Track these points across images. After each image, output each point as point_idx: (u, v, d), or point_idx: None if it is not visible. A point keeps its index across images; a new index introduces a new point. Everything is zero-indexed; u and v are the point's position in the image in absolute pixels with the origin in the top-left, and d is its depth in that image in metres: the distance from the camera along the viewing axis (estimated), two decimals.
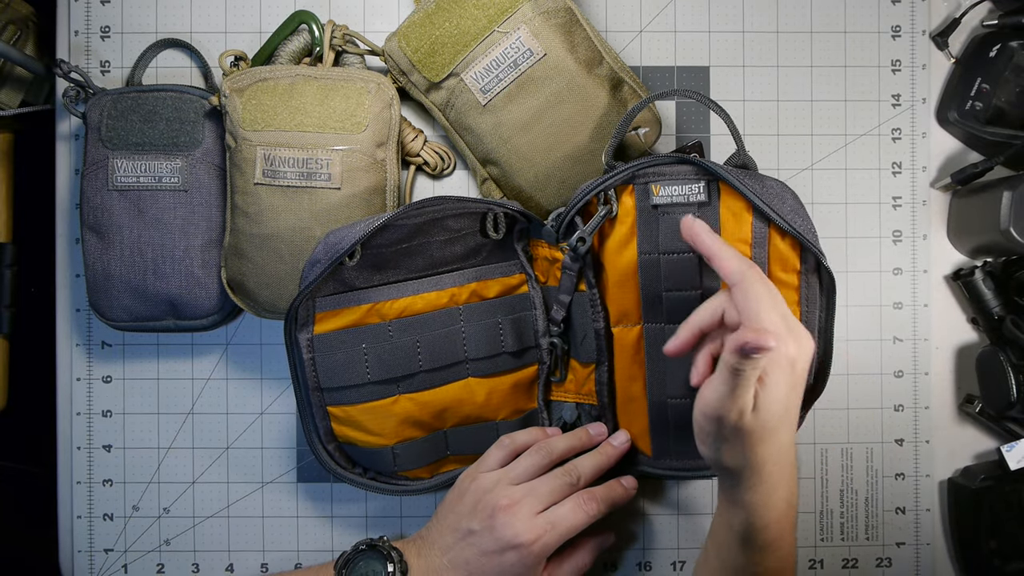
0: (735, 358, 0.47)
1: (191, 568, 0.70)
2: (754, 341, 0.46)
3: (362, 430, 0.62)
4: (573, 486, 0.61)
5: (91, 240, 0.64)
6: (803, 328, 0.51)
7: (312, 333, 0.61)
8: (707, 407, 0.50)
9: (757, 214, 0.58)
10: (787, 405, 0.51)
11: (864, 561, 0.70)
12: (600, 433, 0.65)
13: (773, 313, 0.49)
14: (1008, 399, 0.64)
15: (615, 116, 0.64)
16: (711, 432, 0.51)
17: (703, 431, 0.52)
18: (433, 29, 0.63)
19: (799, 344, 0.50)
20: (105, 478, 0.70)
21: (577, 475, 0.61)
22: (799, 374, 0.51)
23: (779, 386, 0.50)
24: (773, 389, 0.49)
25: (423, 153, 0.67)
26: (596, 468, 0.63)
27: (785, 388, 0.50)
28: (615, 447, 0.64)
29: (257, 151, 0.61)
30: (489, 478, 0.60)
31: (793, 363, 0.50)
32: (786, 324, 0.50)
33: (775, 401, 0.50)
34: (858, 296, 0.70)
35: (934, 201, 0.70)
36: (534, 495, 0.59)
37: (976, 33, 0.69)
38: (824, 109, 0.70)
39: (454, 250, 0.64)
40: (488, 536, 0.58)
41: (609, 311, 0.63)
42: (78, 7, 0.69)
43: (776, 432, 0.51)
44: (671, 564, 0.70)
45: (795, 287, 0.59)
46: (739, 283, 0.50)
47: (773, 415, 0.50)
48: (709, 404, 0.50)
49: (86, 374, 0.70)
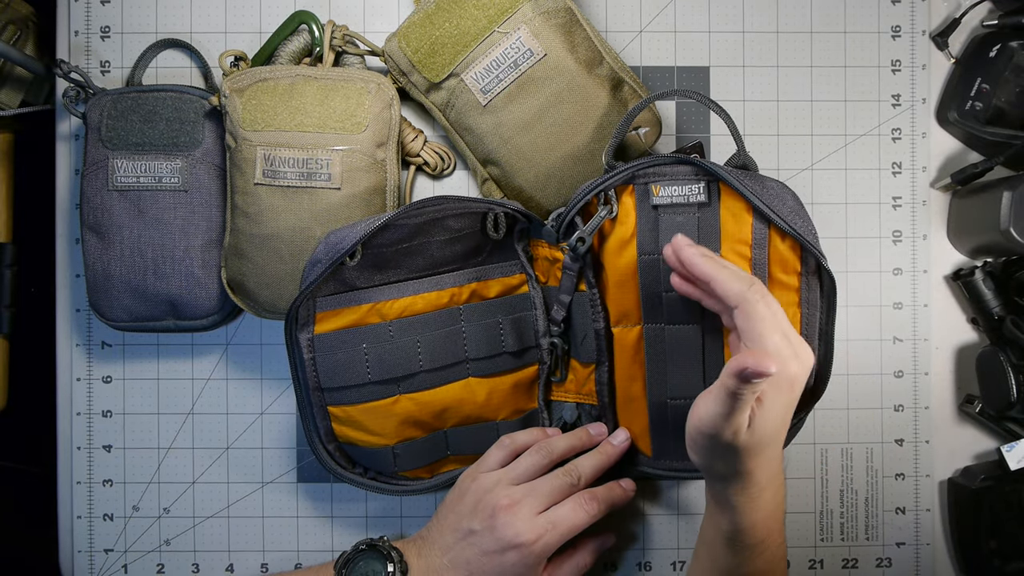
0: (734, 382, 0.46)
1: (191, 568, 0.70)
2: (754, 367, 0.45)
3: (362, 430, 0.62)
4: (574, 486, 0.61)
5: (91, 240, 0.64)
6: (804, 344, 0.51)
7: (312, 333, 0.61)
8: (702, 424, 0.50)
9: (757, 215, 0.58)
10: (782, 423, 0.51)
11: (864, 561, 0.70)
12: (600, 433, 0.65)
13: (776, 335, 0.49)
14: (1008, 399, 0.64)
15: (615, 116, 0.64)
16: (704, 445, 0.51)
17: (695, 443, 0.52)
18: (433, 29, 0.63)
19: (800, 362, 0.49)
20: (105, 478, 0.70)
21: (578, 475, 0.61)
22: (797, 392, 0.50)
23: (776, 406, 0.49)
24: (770, 409, 0.49)
25: (423, 153, 0.67)
26: (597, 467, 0.63)
27: (782, 408, 0.50)
28: (615, 446, 0.64)
29: (257, 151, 0.61)
30: (490, 478, 0.60)
31: (792, 383, 0.49)
32: (789, 345, 0.49)
33: (771, 420, 0.49)
34: (858, 296, 0.70)
35: (934, 201, 0.70)
36: (535, 495, 0.59)
37: (976, 33, 0.69)
38: (824, 109, 0.70)
39: (454, 250, 0.64)
40: (489, 536, 0.58)
41: (609, 311, 0.63)
42: (78, 7, 0.69)
43: (768, 447, 0.51)
44: (671, 564, 0.70)
45: (795, 288, 0.59)
46: (740, 306, 0.50)
47: (767, 433, 0.50)
48: (704, 421, 0.49)
49: (86, 374, 0.70)
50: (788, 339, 0.49)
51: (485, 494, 0.59)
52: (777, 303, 0.51)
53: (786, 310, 0.58)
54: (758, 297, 0.50)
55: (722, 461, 0.51)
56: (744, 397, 0.47)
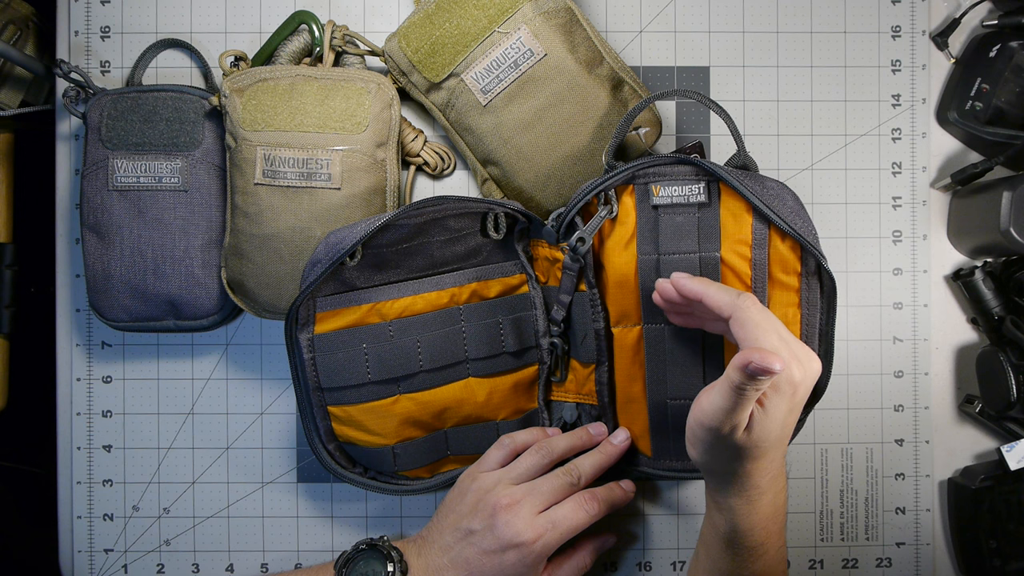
0: (740, 376, 0.46)
1: (191, 568, 0.70)
2: (759, 362, 0.45)
3: (363, 430, 0.62)
4: (574, 486, 0.61)
5: (91, 240, 0.64)
6: (807, 349, 0.51)
7: (313, 333, 0.61)
8: (704, 416, 0.50)
9: (757, 215, 0.58)
10: (784, 428, 0.50)
11: (864, 561, 0.70)
12: (600, 433, 0.65)
13: (772, 337, 0.49)
14: (1008, 399, 0.64)
15: (616, 116, 0.64)
16: (703, 439, 0.51)
17: (695, 437, 0.52)
18: (433, 29, 0.63)
19: (804, 368, 0.49)
20: (105, 478, 0.70)
21: (578, 475, 0.61)
22: (800, 398, 0.50)
23: (779, 410, 0.49)
24: (772, 412, 0.49)
25: (423, 153, 0.67)
26: (597, 467, 0.63)
27: (784, 412, 0.50)
28: (615, 445, 0.64)
29: (257, 151, 0.61)
30: (490, 478, 0.60)
31: (796, 388, 0.49)
32: (788, 348, 0.49)
33: (772, 424, 0.49)
34: (858, 296, 0.70)
35: (934, 201, 0.70)
36: (535, 494, 0.59)
37: (976, 33, 0.69)
38: (824, 109, 0.70)
39: (455, 250, 0.64)
40: (489, 535, 0.58)
41: (609, 311, 0.63)
42: (78, 7, 0.69)
43: (769, 451, 0.51)
44: (671, 564, 0.70)
45: (795, 289, 0.59)
46: (733, 314, 0.50)
47: (768, 437, 0.50)
48: (706, 414, 0.50)
49: (86, 374, 0.70)
50: (787, 343, 0.49)
51: (485, 494, 0.59)
52: (771, 312, 0.51)
53: (786, 310, 0.59)
54: (749, 304, 0.50)
55: (721, 459, 0.51)
56: (747, 393, 0.47)
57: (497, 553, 0.58)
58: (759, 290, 0.59)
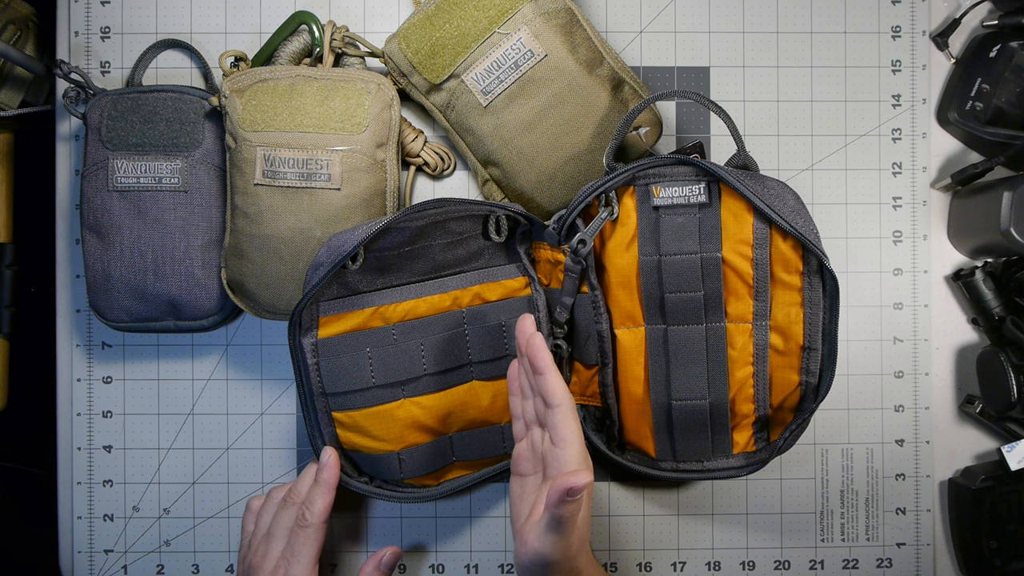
0: (561, 505, 0.49)
1: (191, 569, 0.70)
2: (574, 482, 0.48)
3: (367, 435, 0.62)
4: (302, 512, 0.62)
5: (91, 241, 0.64)
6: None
7: (316, 337, 0.61)
8: (538, 556, 0.52)
9: (758, 215, 0.58)
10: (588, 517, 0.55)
11: (864, 561, 0.70)
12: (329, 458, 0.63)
13: (580, 440, 0.53)
14: (1008, 399, 0.64)
15: (616, 116, 0.64)
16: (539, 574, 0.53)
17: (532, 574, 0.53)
18: (433, 31, 0.63)
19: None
20: (105, 479, 0.70)
21: (300, 501, 0.62)
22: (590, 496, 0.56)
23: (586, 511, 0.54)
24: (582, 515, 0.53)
25: (423, 154, 0.67)
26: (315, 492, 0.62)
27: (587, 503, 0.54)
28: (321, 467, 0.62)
29: (257, 152, 0.61)
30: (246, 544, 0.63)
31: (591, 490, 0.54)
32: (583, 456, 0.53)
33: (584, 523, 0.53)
34: (858, 296, 0.70)
35: (934, 201, 0.70)
36: (274, 538, 0.62)
37: (976, 33, 0.69)
38: (824, 109, 0.70)
39: (456, 253, 0.64)
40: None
41: (612, 313, 0.63)
42: (78, 7, 0.69)
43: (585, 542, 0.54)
44: (671, 564, 0.70)
45: (798, 288, 0.59)
46: (560, 405, 0.53)
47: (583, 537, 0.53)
48: (540, 553, 0.52)
49: (86, 375, 0.70)
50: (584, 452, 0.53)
51: (242, 561, 0.63)
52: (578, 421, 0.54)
53: (789, 310, 0.59)
54: (573, 407, 0.54)
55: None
56: (571, 514, 0.50)
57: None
58: (761, 290, 0.59)
